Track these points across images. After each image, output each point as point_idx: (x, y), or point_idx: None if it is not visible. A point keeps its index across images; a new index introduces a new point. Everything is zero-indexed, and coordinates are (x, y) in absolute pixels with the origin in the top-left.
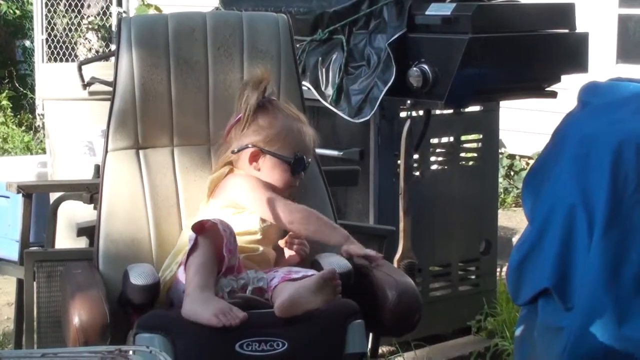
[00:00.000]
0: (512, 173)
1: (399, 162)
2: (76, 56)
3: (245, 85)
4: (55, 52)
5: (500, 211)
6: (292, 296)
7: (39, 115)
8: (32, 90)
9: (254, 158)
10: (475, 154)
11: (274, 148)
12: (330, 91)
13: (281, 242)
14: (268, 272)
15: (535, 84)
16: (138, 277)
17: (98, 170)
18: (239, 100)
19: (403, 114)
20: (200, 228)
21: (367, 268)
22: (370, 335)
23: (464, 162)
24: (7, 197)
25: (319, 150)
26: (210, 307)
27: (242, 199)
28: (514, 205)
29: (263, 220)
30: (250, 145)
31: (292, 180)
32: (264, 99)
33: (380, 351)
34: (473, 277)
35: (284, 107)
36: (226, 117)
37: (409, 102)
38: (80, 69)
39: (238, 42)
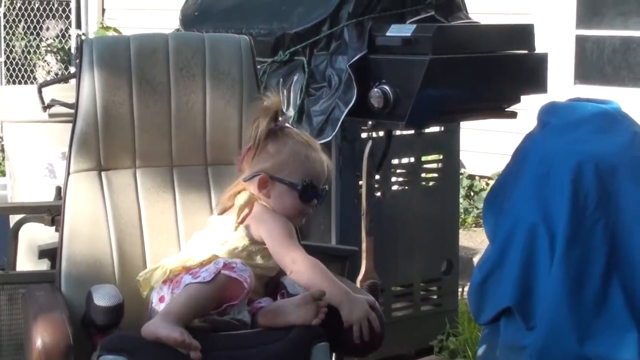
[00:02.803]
0: (472, 193)
1: (360, 182)
2: (35, 78)
3: (258, 114)
4: (15, 74)
5: (460, 231)
6: (277, 306)
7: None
8: None
9: (263, 185)
10: (436, 174)
11: (282, 174)
12: (291, 112)
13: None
14: (251, 306)
15: (496, 105)
16: (102, 298)
17: (60, 192)
18: (252, 127)
19: (364, 135)
20: (228, 268)
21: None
22: (334, 356)
23: (424, 183)
24: None
25: None
26: (170, 329)
27: (264, 236)
28: (474, 225)
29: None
30: (259, 173)
31: (304, 208)
32: (275, 126)
33: None
34: (435, 296)
35: (295, 133)
36: (188, 137)
37: (370, 123)
38: (40, 91)
39: (200, 64)
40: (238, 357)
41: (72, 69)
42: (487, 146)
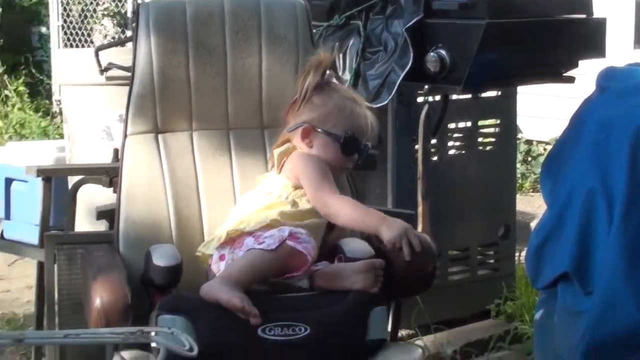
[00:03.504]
0: (529, 158)
1: (416, 146)
2: (92, 42)
3: (305, 67)
4: (72, 38)
5: (518, 196)
6: (336, 270)
7: (55, 101)
8: (49, 76)
9: (306, 135)
10: (492, 139)
11: (326, 126)
12: (347, 76)
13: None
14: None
15: (553, 70)
16: (161, 258)
17: (117, 154)
18: (298, 81)
19: (421, 99)
20: (293, 238)
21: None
22: (390, 318)
23: (481, 147)
24: (26, 182)
25: None
26: (230, 294)
27: (301, 177)
28: (531, 190)
29: None
30: (303, 124)
31: (345, 161)
32: (322, 80)
33: (399, 335)
34: (492, 261)
35: (341, 88)
36: (245, 101)
37: (426, 87)
38: (97, 55)
39: (256, 27)
40: (296, 319)
41: (129, 33)
42: (544, 111)
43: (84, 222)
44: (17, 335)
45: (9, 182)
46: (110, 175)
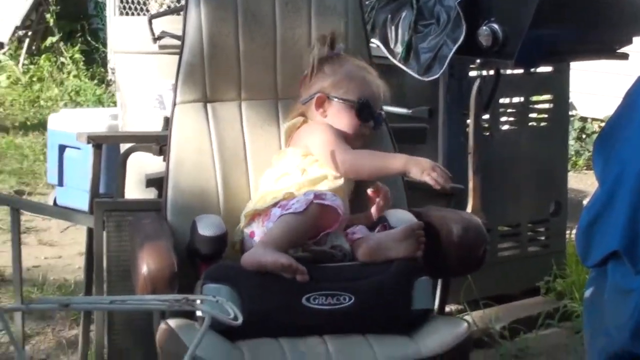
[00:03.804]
0: (583, 136)
1: (468, 121)
2: (148, 10)
3: (315, 40)
4: (127, 6)
5: (571, 174)
6: (378, 241)
7: (110, 69)
8: (104, 44)
9: (320, 104)
10: (545, 115)
11: (339, 93)
12: (399, 49)
13: (369, 190)
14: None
15: (607, 46)
16: (206, 228)
17: (167, 123)
18: (308, 53)
19: (472, 73)
20: (319, 198)
21: (431, 212)
22: (438, 292)
23: (534, 123)
24: (79, 149)
25: (388, 108)
26: (276, 255)
27: (311, 145)
28: (585, 168)
29: None
30: (316, 93)
31: (360, 127)
32: (331, 52)
33: (448, 310)
34: (542, 238)
35: (351, 58)
36: (294, 71)
37: (478, 61)
38: (150, 23)
39: None
40: (340, 288)
41: (184, 1)
42: (599, 88)
43: (135, 190)
44: (64, 300)
45: (62, 149)
46: (160, 143)
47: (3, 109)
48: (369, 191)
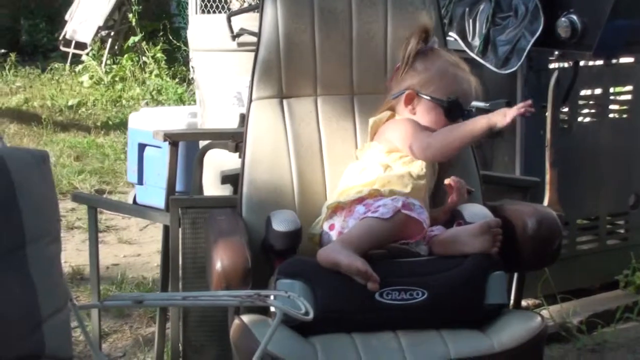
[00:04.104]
0: None
1: (546, 114)
2: (229, 8)
3: (410, 34)
4: (209, 5)
5: None
6: (454, 235)
7: (192, 67)
8: (186, 43)
9: (409, 101)
10: (626, 107)
11: (429, 91)
12: (477, 42)
13: (446, 181)
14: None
15: None
16: (280, 223)
17: (243, 119)
18: (402, 48)
19: (551, 65)
20: (407, 208)
21: (505, 206)
22: (514, 286)
23: (613, 115)
24: (159, 147)
25: None
26: (352, 257)
27: (394, 139)
28: None
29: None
30: (406, 89)
31: (448, 125)
32: (425, 47)
33: (525, 304)
34: (622, 231)
35: (444, 54)
36: (370, 67)
37: (556, 53)
38: (229, 20)
39: None
40: (413, 283)
41: None
42: None
43: (214, 187)
44: (137, 296)
45: (142, 147)
46: (236, 140)
47: (85, 109)
48: (446, 184)
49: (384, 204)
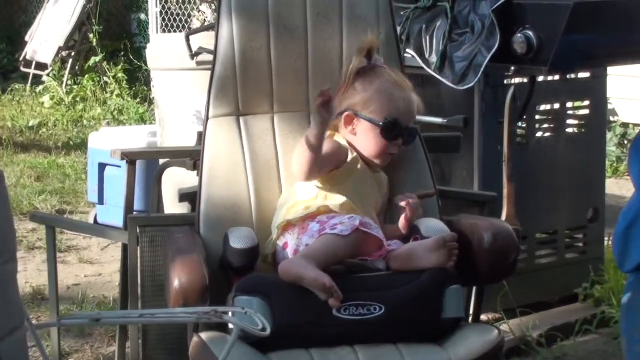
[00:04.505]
0: (625, 142)
1: (504, 129)
2: (190, 28)
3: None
4: (170, 25)
5: (613, 180)
6: (410, 250)
7: (152, 87)
8: (147, 63)
9: (349, 122)
10: (582, 121)
11: (368, 112)
12: (434, 58)
13: (396, 199)
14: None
15: None
16: (238, 240)
17: (201, 137)
18: (345, 65)
19: (508, 81)
20: (365, 226)
21: (462, 221)
22: (473, 300)
23: (570, 130)
24: (119, 167)
25: (423, 118)
26: (318, 273)
27: None
28: (626, 174)
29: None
30: (346, 110)
31: (387, 146)
32: (368, 65)
33: (485, 318)
34: (580, 244)
35: (385, 73)
36: (326, 83)
37: (513, 68)
38: (188, 39)
39: (337, 8)
40: (371, 298)
41: None
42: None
43: (173, 205)
44: (95, 315)
45: (102, 167)
46: (194, 158)
47: (46, 130)
48: (397, 202)
49: (341, 222)
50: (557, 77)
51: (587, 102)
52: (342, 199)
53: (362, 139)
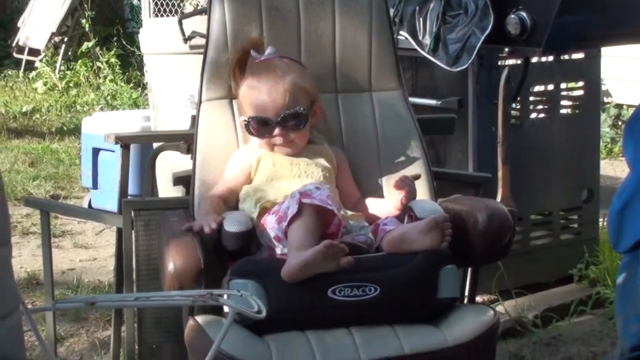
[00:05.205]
0: (619, 122)
1: (498, 110)
2: (182, 12)
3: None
4: (162, 9)
5: (607, 161)
6: (402, 233)
7: (145, 71)
8: (140, 48)
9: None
10: (576, 102)
11: (244, 109)
12: (427, 40)
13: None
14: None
15: (637, 30)
16: (232, 224)
17: (194, 121)
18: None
19: (501, 62)
20: (306, 196)
21: (457, 201)
22: (468, 281)
23: (564, 110)
24: (113, 151)
25: (418, 100)
26: (310, 249)
27: None
28: (620, 155)
29: None
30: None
31: (268, 139)
32: (258, 59)
33: (480, 300)
34: (575, 225)
35: (254, 68)
36: (319, 65)
37: (507, 50)
38: (181, 23)
39: None
40: (366, 279)
41: None
42: (635, 75)
43: (168, 189)
44: (90, 298)
45: (96, 152)
46: (187, 141)
47: (40, 115)
48: (394, 186)
49: (287, 206)
50: (550, 58)
51: (581, 83)
52: (276, 193)
53: None
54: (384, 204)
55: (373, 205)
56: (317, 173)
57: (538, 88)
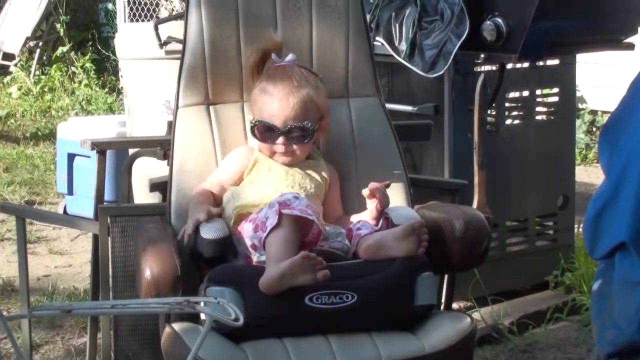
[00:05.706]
0: (594, 129)
1: (474, 117)
2: (158, 18)
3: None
4: (137, 14)
5: (582, 167)
6: (379, 240)
7: (121, 76)
8: (115, 53)
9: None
10: (552, 108)
11: (253, 112)
12: (403, 46)
13: (364, 192)
14: (350, 231)
15: (612, 36)
16: (208, 231)
17: (171, 127)
18: None
19: (477, 69)
20: (285, 206)
21: (433, 208)
22: (444, 288)
23: (540, 117)
24: (89, 157)
25: (394, 106)
26: (287, 260)
27: None
28: (595, 161)
29: None
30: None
31: (270, 146)
32: (276, 64)
33: (457, 306)
34: (550, 232)
35: (266, 74)
36: None
37: (482, 56)
38: (156, 28)
39: None
40: (343, 287)
41: None
42: (609, 81)
43: (144, 195)
44: (66, 306)
45: (71, 157)
46: (164, 147)
47: (14, 120)
48: (364, 194)
49: (265, 216)
50: (526, 65)
51: (556, 90)
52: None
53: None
54: (361, 216)
55: (353, 219)
56: (309, 187)
57: (513, 94)
